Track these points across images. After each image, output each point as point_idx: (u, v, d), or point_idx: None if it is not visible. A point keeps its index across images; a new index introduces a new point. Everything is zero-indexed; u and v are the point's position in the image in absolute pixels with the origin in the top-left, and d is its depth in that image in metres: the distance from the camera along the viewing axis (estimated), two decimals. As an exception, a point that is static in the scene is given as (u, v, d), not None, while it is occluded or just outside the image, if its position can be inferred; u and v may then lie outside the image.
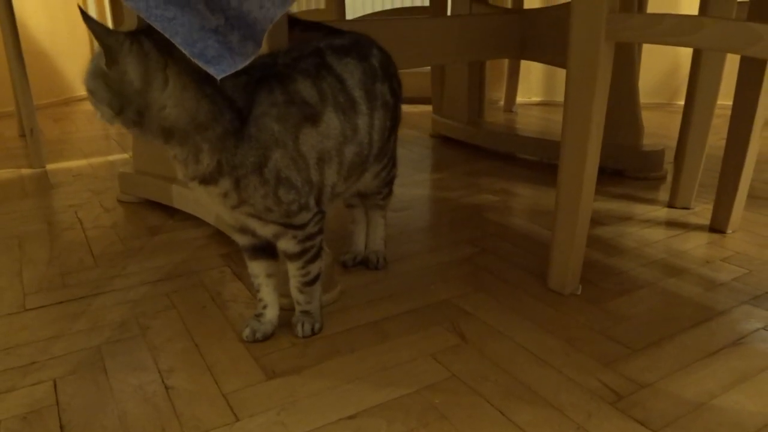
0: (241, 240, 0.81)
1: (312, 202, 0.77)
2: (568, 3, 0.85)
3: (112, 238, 1.18)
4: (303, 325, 0.83)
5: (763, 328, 0.83)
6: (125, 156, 1.83)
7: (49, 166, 1.71)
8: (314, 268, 0.81)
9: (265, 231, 0.76)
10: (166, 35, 0.52)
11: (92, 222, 1.27)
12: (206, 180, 0.69)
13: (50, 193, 1.47)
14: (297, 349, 0.79)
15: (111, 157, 1.81)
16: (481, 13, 1.76)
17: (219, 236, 1.16)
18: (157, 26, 0.52)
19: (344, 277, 1.00)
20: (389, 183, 0.99)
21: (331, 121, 0.76)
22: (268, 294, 0.82)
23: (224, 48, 0.53)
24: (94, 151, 1.89)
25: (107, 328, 0.85)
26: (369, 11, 2.07)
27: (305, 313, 0.83)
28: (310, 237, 0.78)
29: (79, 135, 2.14)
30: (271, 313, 0.83)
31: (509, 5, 2.33)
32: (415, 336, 0.82)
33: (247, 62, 0.52)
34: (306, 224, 0.76)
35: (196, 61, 0.52)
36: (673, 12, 2.46)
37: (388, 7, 2.12)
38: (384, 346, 0.80)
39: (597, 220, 1.23)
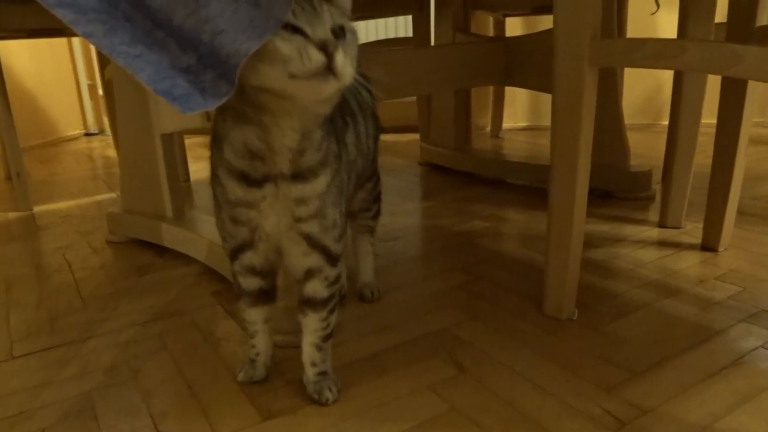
0: (250, 284, 0.73)
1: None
2: (550, 29, 0.86)
3: (101, 280, 1.16)
4: (329, 390, 0.74)
5: (762, 346, 0.82)
6: (113, 195, 1.82)
7: (37, 208, 1.70)
8: (333, 320, 0.75)
9: (305, 263, 0.69)
10: (130, 71, 0.52)
11: (81, 263, 1.25)
12: (307, 175, 0.62)
13: (38, 236, 1.45)
14: (292, 388, 0.78)
15: (99, 197, 1.80)
16: (465, 42, 1.78)
17: (210, 274, 1.15)
18: (120, 62, 0.52)
19: (338, 309, 0.98)
20: (378, 198, 0.97)
21: (351, 132, 0.75)
22: (262, 342, 0.79)
23: (195, 87, 0.52)
24: (82, 192, 1.88)
25: (97, 372, 0.83)
26: (353, 44, 2.10)
27: (323, 375, 0.75)
28: (337, 279, 0.72)
29: (67, 176, 2.13)
30: (265, 358, 0.80)
31: (491, 33, 2.37)
32: (413, 368, 0.81)
33: (220, 102, 0.51)
34: (339, 257, 0.71)
35: (162, 97, 0.51)
36: (652, 34, 2.50)
37: (371, 39, 2.14)
38: (381, 380, 0.79)
39: (589, 243, 1.23)
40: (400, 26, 2.56)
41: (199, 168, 2.07)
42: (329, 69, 0.52)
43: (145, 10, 0.55)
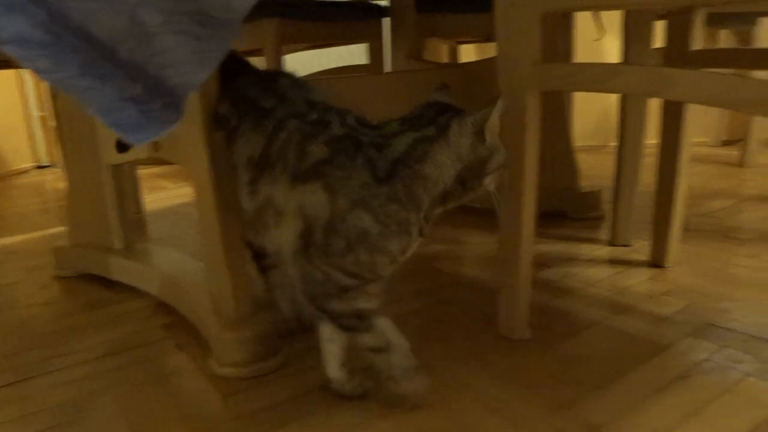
0: (372, 302, 0.74)
1: None
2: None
3: (48, 316, 1.12)
4: None
5: (708, 359, 0.84)
6: (63, 229, 1.77)
7: (-18, 245, 1.64)
8: None
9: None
10: (80, 104, 0.51)
11: (27, 300, 1.21)
12: None
13: (-18, 273, 1.40)
14: (242, 422, 0.76)
15: (47, 232, 1.75)
16: (419, 69, 1.81)
17: (161, 307, 1.12)
18: (70, 95, 0.51)
19: (291, 338, 0.97)
20: None
21: None
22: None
23: (144, 116, 0.52)
24: (30, 227, 1.82)
25: (42, 414, 0.80)
26: (309, 72, 2.11)
27: None
28: None
29: (15, 210, 2.07)
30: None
31: (445, 60, 2.41)
32: (369, 397, 0.80)
33: (168, 130, 0.51)
34: None
35: (112, 129, 0.51)
36: (598, 59, 2.59)
37: (327, 66, 2.16)
38: (337, 409, 0.77)
39: (543, 263, 1.25)
40: (359, 54, 2.59)
41: (154, 199, 2.04)
42: None
43: (92, 41, 0.55)
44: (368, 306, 0.72)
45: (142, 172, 2.32)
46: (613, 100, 2.48)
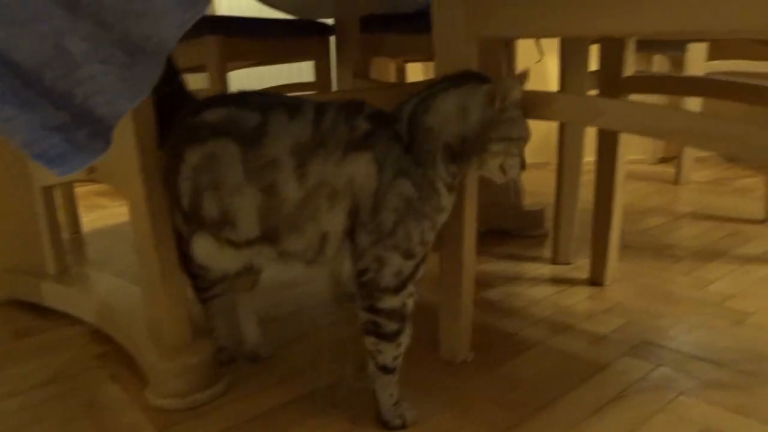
0: (411, 301, 0.78)
1: None
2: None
3: (-28, 347, 1.06)
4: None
5: (642, 379, 0.86)
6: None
7: None
8: None
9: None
10: (5, 136, 0.49)
11: (-50, 329, 1.14)
12: None
13: None
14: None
15: (-23, 253, 1.66)
16: (363, 88, 1.81)
17: (96, 335, 1.08)
18: None
19: (232, 365, 0.95)
20: None
21: None
22: None
23: (70, 145, 0.50)
24: (-42, 248, 1.73)
25: (-41, 455, 0.75)
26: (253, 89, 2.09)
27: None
28: None
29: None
30: None
31: (392, 79, 2.43)
32: (310, 423, 0.79)
33: (96, 159, 0.49)
34: None
35: (37, 161, 0.49)
36: (541, 81, 2.64)
37: (273, 84, 2.14)
38: (275, 439, 0.76)
39: (486, 283, 1.26)
40: (308, 71, 2.58)
41: (93, 218, 1.97)
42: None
43: (15, 68, 0.53)
44: (411, 306, 0.76)
45: (80, 190, 2.23)
46: (556, 118, 2.54)
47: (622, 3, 0.65)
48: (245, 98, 0.76)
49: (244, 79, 2.40)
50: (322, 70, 2.02)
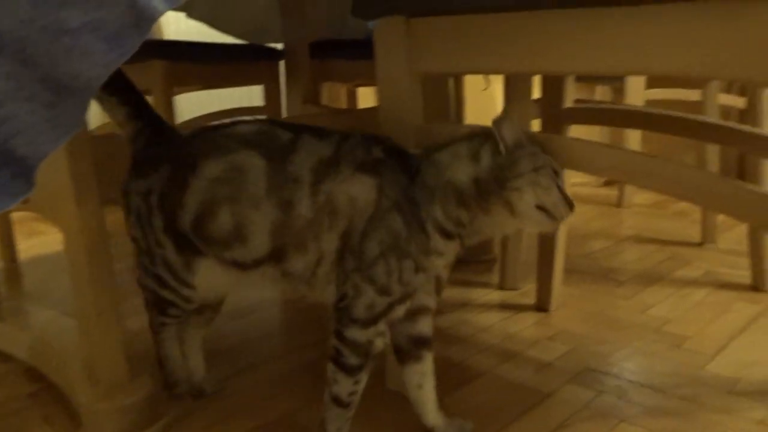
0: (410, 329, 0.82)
1: None
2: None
3: None
4: None
5: (585, 407, 0.88)
6: None
7: None
8: None
9: (430, 301, 0.84)
10: None
11: None
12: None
13: None
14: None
15: None
16: (312, 114, 1.81)
17: (29, 373, 1.03)
18: None
19: (176, 401, 0.92)
20: None
21: None
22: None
23: (-11, 187, 0.48)
24: None
25: None
26: (200, 113, 2.07)
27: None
28: None
29: None
30: None
31: (344, 104, 2.44)
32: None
33: (16, 202, 0.47)
34: None
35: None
36: (489, 109, 2.71)
37: (219, 108, 2.12)
38: (216, 482, 0.73)
39: (436, 310, 1.26)
40: (258, 95, 2.56)
41: (30, 245, 1.89)
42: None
43: None
44: (380, 345, 0.75)
45: (17, 215, 2.15)
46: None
47: (553, 46, 0.67)
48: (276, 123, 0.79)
49: (192, 102, 2.36)
50: (271, 95, 2.01)
